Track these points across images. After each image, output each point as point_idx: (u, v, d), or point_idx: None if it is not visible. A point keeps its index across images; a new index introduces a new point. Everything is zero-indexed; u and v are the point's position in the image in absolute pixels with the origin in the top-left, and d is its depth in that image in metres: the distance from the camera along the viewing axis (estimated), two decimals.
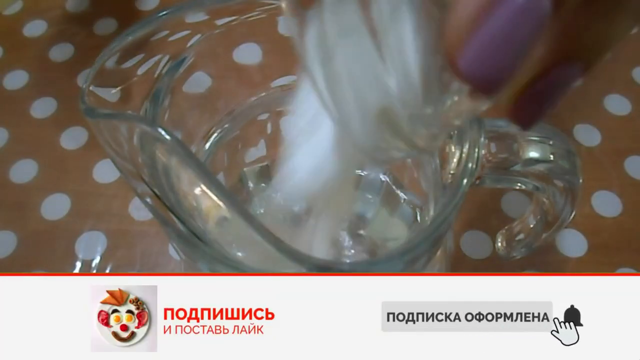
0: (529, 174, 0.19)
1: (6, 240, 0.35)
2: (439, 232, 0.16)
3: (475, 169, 0.17)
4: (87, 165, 0.38)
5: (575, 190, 0.19)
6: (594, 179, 0.37)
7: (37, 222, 0.36)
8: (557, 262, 0.34)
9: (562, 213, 0.20)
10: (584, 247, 0.34)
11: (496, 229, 0.33)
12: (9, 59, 0.44)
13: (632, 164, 0.38)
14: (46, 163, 0.38)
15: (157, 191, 0.16)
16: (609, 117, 0.40)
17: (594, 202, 0.36)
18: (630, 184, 0.37)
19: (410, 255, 0.16)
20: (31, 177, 0.37)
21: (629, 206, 0.36)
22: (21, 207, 0.36)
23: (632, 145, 0.38)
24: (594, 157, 0.38)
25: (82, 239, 0.35)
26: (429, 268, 0.19)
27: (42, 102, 0.41)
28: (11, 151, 0.39)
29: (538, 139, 0.18)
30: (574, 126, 0.39)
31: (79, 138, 0.39)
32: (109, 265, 0.34)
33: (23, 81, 0.42)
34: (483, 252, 0.34)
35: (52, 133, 0.39)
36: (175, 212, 0.16)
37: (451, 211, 0.16)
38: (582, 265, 0.34)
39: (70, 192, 0.37)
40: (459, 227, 0.35)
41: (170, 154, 0.15)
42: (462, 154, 0.17)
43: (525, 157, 0.18)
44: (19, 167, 0.38)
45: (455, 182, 0.17)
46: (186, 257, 0.17)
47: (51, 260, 0.34)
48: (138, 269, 0.34)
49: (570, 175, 0.19)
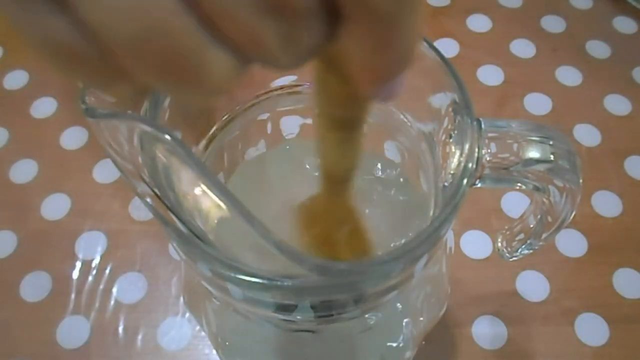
0: (529, 174, 0.19)
1: (6, 240, 0.35)
2: (439, 232, 0.16)
3: (475, 169, 0.17)
4: (87, 165, 0.38)
5: (575, 190, 0.19)
6: (594, 179, 0.37)
7: (37, 222, 0.36)
8: (557, 262, 0.34)
9: (562, 213, 0.20)
10: (584, 247, 0.34)
11: (496, 229, 0.33)
12: (9, 59, 0.44)
13: (632, 164, 0.38)
14: (46, 163, 0.38)
15: (157, 191, 0.16)
16: (609, 117, 0.40)
17: (594, 202, 0.36)
18: (630, 184, 0.37)
19: (410, 255, 0.16)
20: (31, 177, 0.37)
21: (629, 206, 0.36)
22: (21, 207, 0.36)
23: (632, 145, 0.38)
24: (594, 157, 0.38)
25: (82, 239, 0.35)
26: (429, 268, 0.19)
27: (42, 102, 0.41)
28: (11, 151, 0.39)
29: (538, 139, 0.18)
30: (574, 126, 0.39)
31: (79, 138, 0.39)
32: (109, 265, 0.34)
33: (23, 81, 0.42)
34: (483, 252, 0.34)
35: (52, 133, 0.39)
36: (175, 212, 0.15)
37: (451, 211, 0.16)
38: (582, 265, 0.34)
39: (70, 192, 0.37)
40: (459, 227, 0.35)
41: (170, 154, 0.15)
42: (462, 154, 0.17)
43: (525, 157, 0.18)
44: (19, 167, 0.38)
45: (455, 182, 0.17)
46: (186, 257, 0.17)
47: (51, 260, 0.34)
48: (138, 268, 0.34)
49: (570, 175, 0.19)
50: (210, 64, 0.10)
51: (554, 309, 0.32)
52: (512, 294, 0.33)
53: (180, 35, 0.10)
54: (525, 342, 0.31)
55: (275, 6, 0.10)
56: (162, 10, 0.10)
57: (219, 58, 0.10)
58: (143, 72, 0.10)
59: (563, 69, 0.42)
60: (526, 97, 0.41)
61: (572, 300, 0.33)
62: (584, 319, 0.32)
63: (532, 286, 0.33)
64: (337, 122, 0.16)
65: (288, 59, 0.11)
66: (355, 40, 0.11)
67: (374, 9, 0.10)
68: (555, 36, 0.45)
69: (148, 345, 0.32)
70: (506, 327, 0.32)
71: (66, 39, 0.10)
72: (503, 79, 0.42)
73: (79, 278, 0.34)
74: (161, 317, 0.32)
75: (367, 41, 0.11)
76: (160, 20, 0.10)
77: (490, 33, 0.45)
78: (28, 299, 0.33)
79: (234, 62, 0.11)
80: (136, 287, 0.33)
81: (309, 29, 0.11)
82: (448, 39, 0.44)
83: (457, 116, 0.18)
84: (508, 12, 0.46)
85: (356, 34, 0.11)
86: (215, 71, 0.10)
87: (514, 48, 0.44)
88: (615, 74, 0.42)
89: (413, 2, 0.11)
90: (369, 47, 0.11)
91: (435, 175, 0.20)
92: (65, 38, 0.10)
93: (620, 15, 0.46)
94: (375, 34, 0.11)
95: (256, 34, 0.10)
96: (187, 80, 0.10)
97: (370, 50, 0.11)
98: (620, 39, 0.44)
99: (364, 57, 0.12)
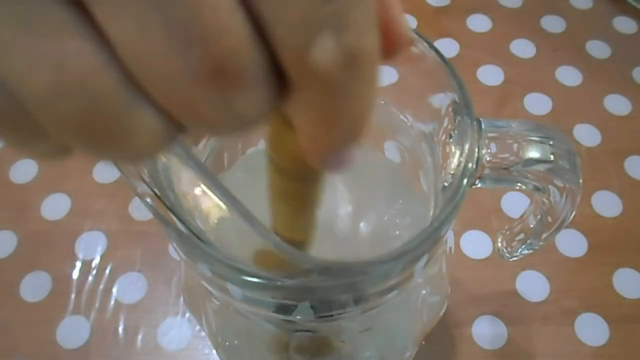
0: (529, 174, 0.18)
1: (6, 240, 0.35)
2: (439, 232, 0.16)
3: (475, 169, 0.17)
4: (87, 165, 0.38)
5: (575, 190, 0.19)
6: (594, 179, 0.37)
7: (37, 222, 0.36)
8: (557, 262, 0.34)
9: (562, 213, 0.20)
10: (584, 247, 0.34)
11: (496, 229, 0.33)
12: None
13: (632, 164, 0.38)
14: (46, 163, 0.38)
15: (157, 191, 0.16)
16: (609, 117, 0.40)
17: (594, 202, 0.36)
18: (630, 184, 0.37)
19: (410, 256, 0.16)
20: (31, 177, 0.37)
21: (629, 206, 0.36)
22: (21, 207, 0.36)
23: (632, 145, 0.38)
24: (594, 157, 0.38)
25: (82, 239, 0.35)
26: (429, 268, 0.19)
27: None
28: (11, 151, 0.39)
29: (538, 139, 0.18)
30: (574, 126, 0.39)
31: None
32: (109, 265, 0.34)
33: None
34: (483, 252, 0.34)
35: None
36: (175, 212, 0.15)
37: (451, 211, 0.16)
38: (582, 265, 0.34)
39: (70, 192, 0.37)
40: (459, 227, 0.35)
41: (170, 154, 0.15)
42: (462, 154, 0.17)
43: (525, 157, 0.18)
44: (19, 167, 0.38)
45: (455, 182, 0.17)
46: (186, 257, 0.17)
47: (51, 260, 0.34)
48: (138, 268, 0.34)
49: (570, 175, 0.19)
50: (135, 128, 0.09)
51: (554, 309, 0.32)
52: (512, 294, 0.33)
53: (99, 94, 0.09)
54: (525, 342, 0.31)
55: (213, 72, 0.09)
56: (80, 65, 0.08)
57: (146, 122, 0.09)
58: (58, 132, 0.09)
59: (563, 69, 0.42)
60: (526, 97, 0.41)
61: (572, 300, 0.32)
62: (584, 319, 0.32)
63: (532, 286, 0.33)
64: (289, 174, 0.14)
65: (228, 129, 0.10)
66: (301, 110, 0.10)
67: (323, 79, 0.09)
68: (555, 36, 0.45)
69: (148, 345, 0.32)
70: (506, 327, 0.32)
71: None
72: (503, 79, 0.42)
73: (79, 278, 0.34)
74: (161, 317, 0.32)
75: (314, 112, 0.10)
76: (77, 76, 0.08)
77: (490, 33, 0.45)
78: (28, 299, 0.33)
79: (165, 126, 0.09)
80: (136, 287, 0.33)
81: (252, 99, 0.09)
82: (448, 39, 0.44)
83: (457, 116, 0.18)
84: (508, 12, 0.46)
85: (303, 103, 0.10)
86: (141, 136, 0.09)
87: (514, 48, 0.44)
88: (615, 74, 0.42)
89: (369, 70, 0.10)
90: (316, 118, 0.10)
91: (435, 175, 0.20)
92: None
93: (620, 15, 0.46)
94: (323, 106, 0.10)
95: (190, 101, 0.09)
96: (108, 144, 0.09)
97: (317, 122, 0.10)
98: (620, 39, 0.44)
99: (310, 127, 0.11)
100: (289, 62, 0.09)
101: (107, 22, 0.08)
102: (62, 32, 0.08)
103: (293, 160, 0.13)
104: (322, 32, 0.09)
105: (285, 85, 0.10)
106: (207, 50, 0.08)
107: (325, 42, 0.09)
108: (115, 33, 0.08)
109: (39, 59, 0.08)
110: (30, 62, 0.08)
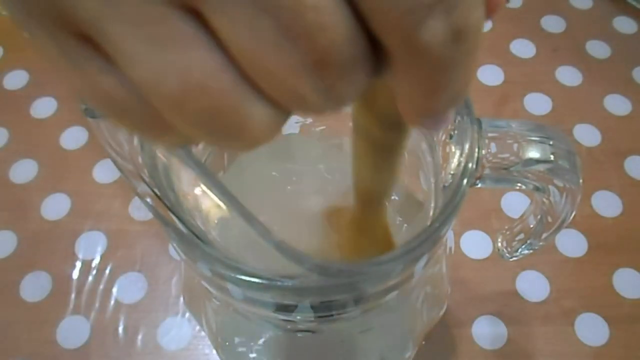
0: (529, 174, 0.18)
1: (6, 240, 0.35)
2: (439, 232, 0.16)
3: (475, 169, 0.17)
4: (87, 165, 0.38)
5: (575, 190, 0.19)
6: (594, 179, 0.37)
7: (37, 222, 0.36)
8: (557, 262, 0.34)
9: (562, 213, 0.20)
10: (584, 247, 0.34)
11: (496, 229, 0.33)
12: (9, 59, 0.44)
13: (632, 164, 0.38)
14: (46, 163, 0.38)
15: (157, 191, 0.16)
16: (609, 117, 0.40)
17: (594, 202, 0.36)
18: (630, 184, 0.37)
19: (410, 256, 0.16)
20: (31, 177, 0.37)
21: (629, 206, 0.36)
22: (21, 207, 0.36)
23: (632, 145, 0.38)
24: (594, 157, 0.38)
25: (82, 239, 0.35)
26: (429, 268, 0.19)
27: (42, 102, 0.41)
28: (11, 151, 0.39)
29: (538, 139, 0.18)
30: (574, 126, 0.39)
31: (79, 138, 0.39)
32: (109, 265, 0.34)
33: (23, 81, 0.42)
34: (483, 252, 0.34)
35: (52, 133, 0.39)
36: (175, 212, 0.16)
37: (451, 211, 0.16)
38: (582, 265, 0.34)
39: (70, 192, 0.37)
40: (459, 227, 0.35)
41: (170, 154, 0.15)
42: (462, 154, 0.17)
43: (525, 157, 0.18)
44: (19, 167, 0.38)
45: (455, 182, 0.17)
46: (186, 257, 0.17)
47: (51, 260, 0.34)
48: (138, 268, 0.34)
49: (570, 175, 0.19)
50: (252, 119, 0.10)
51: (554, 309, 0.32)
52: (512, 294, 0.33)
53: (220, 94, 0.10)
54: (525, 342, 0.31)
55: (317, 63, 0.10)
56: (202, 71, 0.10)
57: (259, 113, 0.10)
58: (186, 128, 0.10)
59: (563, 69, 0.42)
60: (526, 97, 0.41)
61: (572, 300, 0.33)
62: (584, 319, 0.32)
63: (532, 286, 0.33)
64: (377, 145, 0.15)
65: (330, 108, 0.11)
66: (404, 80, 0.11)
67: (428, 56, 0.10)
68: (555, 36, 0.45)
69: (148, 345, 0.32)
70: (506, 327, 0.32)
71: (113, 93, 0.10)
72: (503, 79, 0.42)
73: (79, 278, 0.34)
74: (161, 317, 0.32)
75: (420, 84, 0.11)
76: (201, 80, 0.10)
77: (490, 33, 0.45)
78: (28, 299, 0.33)
79: (275, 114, 0.11)
80: (136, 287, 0.33)
81: (352, 82, 0.10)
82: None
83: (457, 116, 0.18)
84: (508, 12, 0.46)
85: (407, 75, 0.11)
86: (256, 125, 0.10)
87: (514, 48, 0.44)
88: (615, 74, 0.42)
89: (475, 41, 0.10)
90: (422, 89, 0.11)
91: (435, 175, 0.20)
92: (112, 93, 0.10)
93: (620, 15, 0.46)
94: (429, 79, 0.10)
95: (297, 91, 0.10)
96: (229, 135, 0.11)
97: (422, 92, 0.11)
98: (620, 39, 0.44)
99: (414, 96, 0.11)
100: (395, 44, 0.10)
101: (222, 29, 0.09)
102: (185, 44, 0.09)
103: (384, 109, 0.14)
104: (432, 15, 0.09)
105: (383, 60, 0.10)
106: (311, 46, 0.09)
107: (435, 23, 0.09)
108: (230, 38, 0.09)
109: (167, 70, 0.10)
110: (160, 72, 0.10)
